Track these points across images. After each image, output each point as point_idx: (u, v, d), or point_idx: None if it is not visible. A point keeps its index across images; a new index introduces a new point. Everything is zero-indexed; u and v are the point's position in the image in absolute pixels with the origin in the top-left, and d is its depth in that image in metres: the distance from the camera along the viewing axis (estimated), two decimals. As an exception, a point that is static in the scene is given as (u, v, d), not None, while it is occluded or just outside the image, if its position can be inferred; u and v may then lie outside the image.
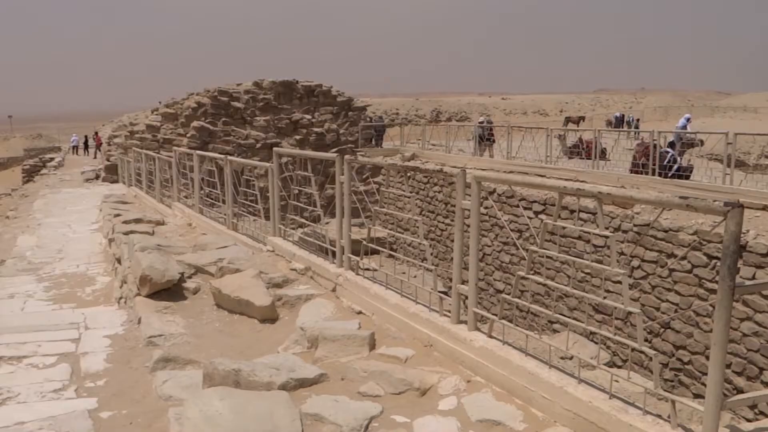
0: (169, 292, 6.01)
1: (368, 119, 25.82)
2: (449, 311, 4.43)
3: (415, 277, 5.42)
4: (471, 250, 4.16)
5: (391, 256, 5.61)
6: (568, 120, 39.16)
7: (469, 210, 4.12)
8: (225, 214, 9.24)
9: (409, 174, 4.93)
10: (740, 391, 10.02)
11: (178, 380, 4.18)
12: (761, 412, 9.20)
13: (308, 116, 23.71)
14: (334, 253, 6.06)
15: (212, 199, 10.08)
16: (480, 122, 21.51)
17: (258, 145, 22.59)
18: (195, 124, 21.99)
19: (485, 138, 20.07)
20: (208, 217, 10.03)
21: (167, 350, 4.73)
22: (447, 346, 4.30)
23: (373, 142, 24.99)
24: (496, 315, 4.02)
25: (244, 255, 7.07)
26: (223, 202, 9.29)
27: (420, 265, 4.98)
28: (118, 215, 10.62)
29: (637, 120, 36.28)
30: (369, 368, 4.06)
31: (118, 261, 7.84)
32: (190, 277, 6.46)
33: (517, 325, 3.94)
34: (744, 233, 10.08)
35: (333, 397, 3.74)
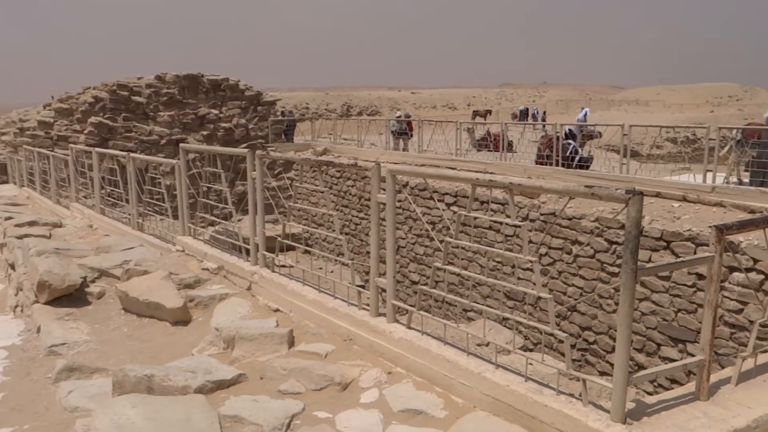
0: (71, 297, 5.72)
1: (281, 114, 25.49)
2: (368, 305, 4.44)
3: (332, 272, 5.40)
4: (387, 243, 4.18)
5: (306, 251, 5.56)
6: (475, 114, 40.07)
7: (384, 203, 4.14)
8: (129, 214, 8.88)
9: (322, 169, 4.90)
10: (641, 366, 10.60)
11: (84, 390, 3.98)
12: (660, 385, 9.78)
13: (215, 111, 23.14)
14: (248, 251, 5.94)
15: (115, 198, 9.66)
16: (398, 117, 21.63)
17: (162, 142, 21.85)
18: (93, 120, 21.00)
19: (403, 132, 20.21)
20: (110, 218, 9.61)
21: (71, 359, 4.50)
22: (367, 339, 4.30)
23: (284, 137, 24.71)
24: (414, 306, 4.06)
25: (152, 256, 6.83)
26: (127, 201, 8.93)
27: (337, 260, 4.96)
28: (9, 218, 9.99)
29: (544, 112, 37.60)
30: (288, 366, 4.01)
31: (12, 267, 7.39)
32: (93, 282, 6.17)
33: (435, 315, 4.00)
34: (640, 218, 10.66)
35: (252, 397, 3.67)
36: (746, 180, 12.20)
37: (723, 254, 3.09)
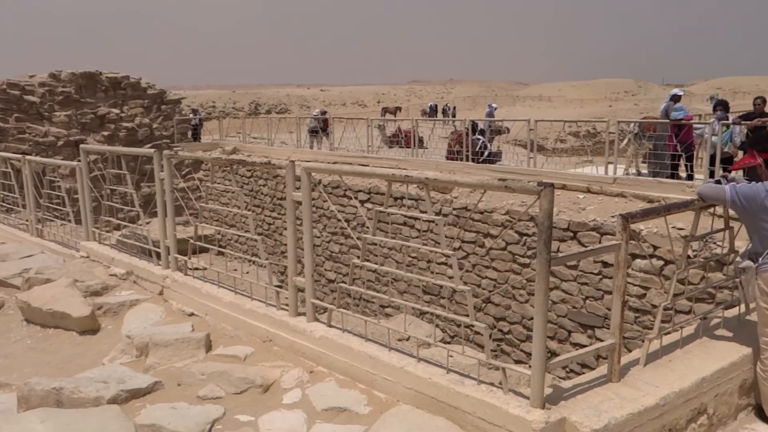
0: (-34, 311, 5.36)
1: (192, 112, 24.73)
2: (287, 305, 4.38)
3: (247, 273, 5.29)
4: (305, 241, 4.14)
5: (220, 253, 5.43)
6: (385, 110, 40.34)
7: (300, 202, 4.09)
8: (27, 220, 8.39)
9: (233, 168, 4.79)
10: (554, 353, 10.99)
11: (-14, 408, 3.73)
12: (572, 371, 10.18)
13: (116, 110, 22.18)
14: (158, 255, 5.74)
15: (9, 204, 9.10)
16: (314, 114, 21.36)
17: (60, 143, 20.75)
18: (-19, 121, 19.69)
19: (319, 130, 19.96)
20: (5, 225, 9.05)
21: (-30, 376, 4.21)
22: (287, 339, 4.25)
23: (191, 137, 24.03)
24: (334, 304, 4.03)
25: (54, 263, 6.48)
26: (24, 207, 8.43)
27: (252, 261, 4.86)
28: None
29: (454, 108, 38.28)
30: (207, 370, 3.91)
31: None
32: (-10, 293, 5.80)
33: (355, 313, 4.00)
34: (548, 210, 11.05)
35: (170, 405, 3.55)
36: (644, 171, 12.85)
37: (628, 242, 3.24)
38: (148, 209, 6.17)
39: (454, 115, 31.01)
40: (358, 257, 3.83)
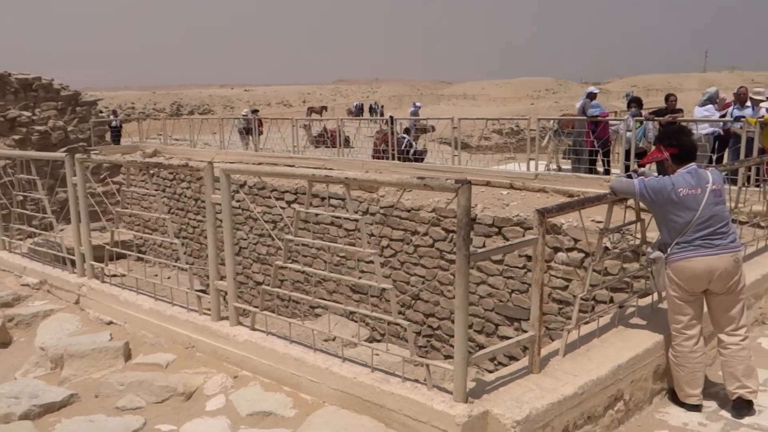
0: None
1: (112, 113, 23.81)
2: (209, 309, 4.28)
3: (169, 278, 5.16)
4: (226, 244, 4.05)
5: (140, 259, 5.26)
6: (311, 110, 40.08)
7: (219, 204, 4.01)
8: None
9: (153, 171, 4.65)
10: (482, 347, 11.19)
11: None
12: (500, 363, 10.39)
13: (27, 113, 21.15)
14: (73, 262, 5.51)
15: None
16: (244, 114, 20.78)
17: (-33, 149, 19.65)
18: None
19: (251, 130, 19.33)
20: None
21: None
22: (210, 344, 4.16)
23: (110, 139, 23.18)
24: (257, 307, 3.97)
25: (-40, 275, 6.13)
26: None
27: (173, 266, 4.74)
28: None
29: (382, 107, 38.41)
30: (126, 380, 3.78)
31: None
32: None
33: (281, 315, 3.95)
34: (472, 207, 11.22)
35: (87, 418, 3.41)
36: (565, 167, 13.26)
37: (546, 235, 3.32)
38: (62, 215, 5.92)
39: (381, 114, 31.15)
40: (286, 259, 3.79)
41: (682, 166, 3.85)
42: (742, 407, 3.80)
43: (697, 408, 3.88)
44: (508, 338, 10.97)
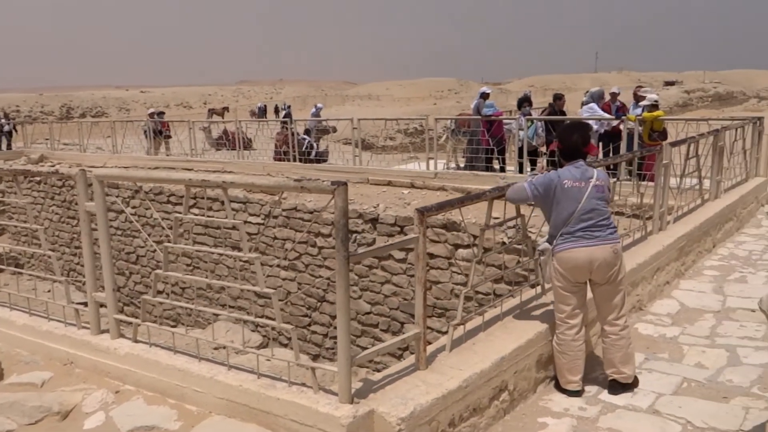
0: None
1: (5, 117, 22.24)
2: (89, 323, 4.09)
3: (48, 291, 4.89)
4: (102, 254, 3.88)
5: (17, 273, 4.95)
6: (212, 112, 39.13)
7: (94, 213, 3.83)
8: None
9: (18, 179, 4.38)
10: (385, 346, 11.27)
11: None
12: (403, 359, 10.50)
13: None
14: (-60, 279, 5.13)
15: None
16: (150, 114, 19.64)
17: None
18: None
19: (158, 132, 18.26)
20: None
21: None
22: (89, 359, 3.97)
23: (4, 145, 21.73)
24: (139, 318, 3.83)
25: None
26: None
27: (48, 278, 4.49)
28: None
29: (289, 107, 37.90)
30: (-5, 403, 3.54)
31: None
32: None
33: (173, 324, 3.82)
34: (375, 207, 11.31)
35: (-50, 447, 3.18)
36: (462, 165, 13.55)
37: (426, 234, 3.37)
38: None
39: (289, 115, 30.73)
40: (186, 266, 3.67)
41: (570, 162, 4.06)
42: (617, 388, 4.06)
43: (577, 394, 4.06)
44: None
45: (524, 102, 12.45)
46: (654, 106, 10.57)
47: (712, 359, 4.48)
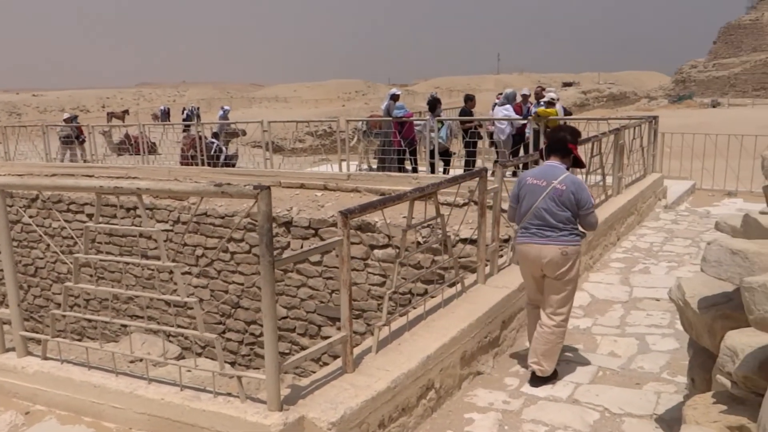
0: None
1: None
2: (-9, 342, 3.82)
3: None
4: (6, 268, 3.63)
5: None
6: (111, 115, 37.59)
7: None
8: None
9: None
10: (306, 349, 11.16)
11: None
12: (325, 363, 10.43)
13: None
14: None
15: None
16: (65, 119, 18.24)
17: None
18: None
19: (73, 138, 16.94)
20: None
21: None
22: (-6, 381, 3.70)
23: None
24: (44, 334, 3.61)
25: None
26: None
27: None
28: None
29: (198, 109, 36.78)
30: None
31: None
32: None
33: (78, 338, 3.62)
34: (288, 210, 11.18)
35: None
36: (375, 166, 13.61)
37: (350, 236, 3.36)
38: None
39: (198, 117, 29.77)
40: (90, 276, 3.47)
41: (549, 159, 4.33)
42: (536, 380, 4.22)
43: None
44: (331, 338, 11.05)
45: (437, 103, 12.64)
46: (550, 104, 10.95)
47: (623, 348, 4.70)
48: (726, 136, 11.70)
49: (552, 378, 4.23)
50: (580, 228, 4.19)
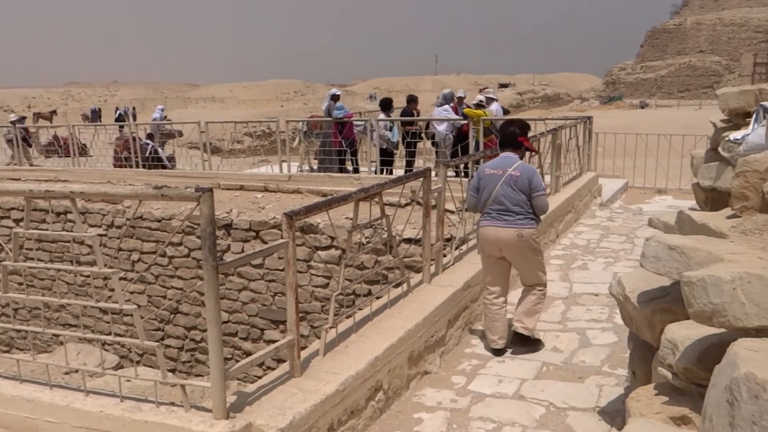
0: None
1: None
2: None
3: None
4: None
5: None
6: (38, 116, 36.21)
7: None
8: None
9: None
10: (249, 354, 10.97)
11: None
12: (269, 367, 10.28)
13: None
14: None
15: None
16: (12, 120, 17.14)
17: None
18: None
19: (23, 140, 15.88)
20: None
21: None
22: None
23: None
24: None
25: None
26: None
27: None
28: None
29: (134, 109, 35.69)
30: None
31: None
32: None
33: (5, 349, 3.44)
34: (228, 212, 10.97)
35: None
36: (316, 167, 13.51)
37: (295, 238, 3.30)
38: None
39: (134, 117, 28.83)
40: (18, 284, 3.29)
41: (504, 151, 4.73)
42: (516, 341, 4.61)
43: (498, 352, 4.58)
44: (274, 341, 10.91)
45: (391, 103, 12.65)
46: (479, 105, 11.10)
47: (565, 343, 4.80)
48: (656, 136, 12.15)
49: (535, 344, 4.63)
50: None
